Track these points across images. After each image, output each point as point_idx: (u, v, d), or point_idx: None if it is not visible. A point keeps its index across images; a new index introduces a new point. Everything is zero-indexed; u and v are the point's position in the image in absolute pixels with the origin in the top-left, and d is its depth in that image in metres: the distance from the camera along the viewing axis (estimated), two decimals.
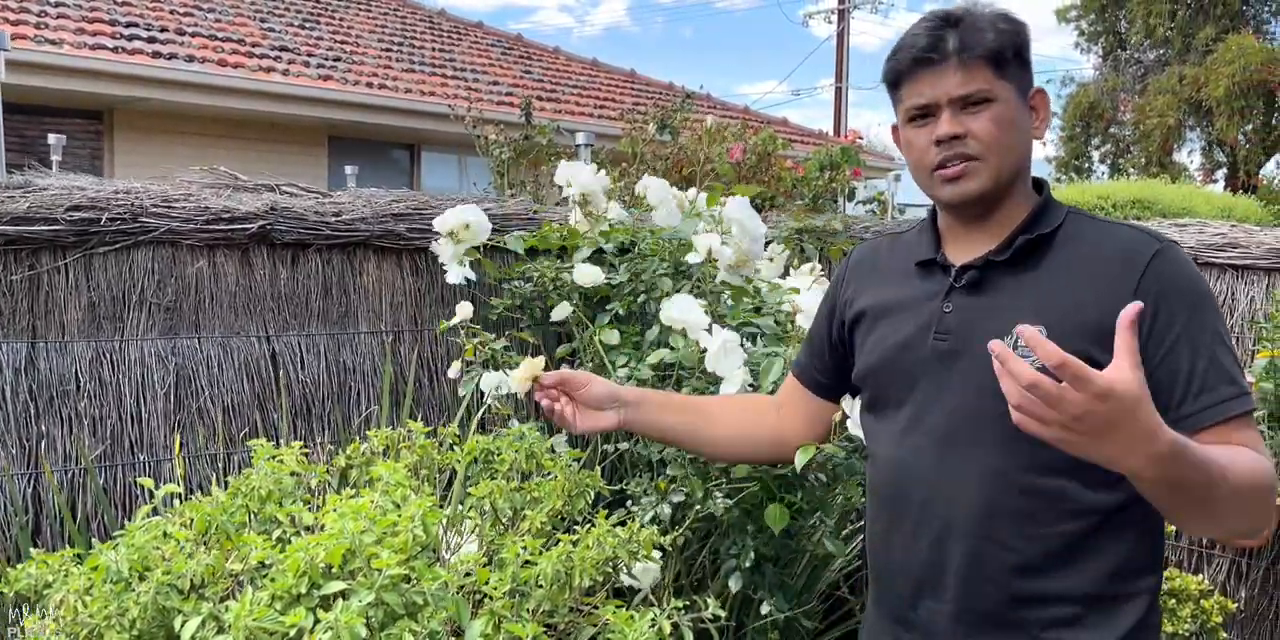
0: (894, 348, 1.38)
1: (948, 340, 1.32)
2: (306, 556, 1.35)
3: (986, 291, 1.31)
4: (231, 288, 2.22)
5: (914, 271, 1.40)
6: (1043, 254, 1.30)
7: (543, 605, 1.52)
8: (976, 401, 1.28)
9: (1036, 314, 1.24)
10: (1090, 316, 1.23)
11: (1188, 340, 1.21)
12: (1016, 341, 1.23)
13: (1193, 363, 1.21)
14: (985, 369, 1.23)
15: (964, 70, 1.28)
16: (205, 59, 7.98)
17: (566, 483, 1.68)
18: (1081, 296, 1.25)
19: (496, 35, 12.97)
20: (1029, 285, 1.29)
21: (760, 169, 5.97)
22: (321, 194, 2.43)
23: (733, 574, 2.05)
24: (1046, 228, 1.31)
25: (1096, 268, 1.26)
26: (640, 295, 2.15)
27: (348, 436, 2.31)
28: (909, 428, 1.36)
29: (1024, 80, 1.32)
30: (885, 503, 1.43)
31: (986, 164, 1.29)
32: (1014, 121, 1.29)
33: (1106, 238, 1.29)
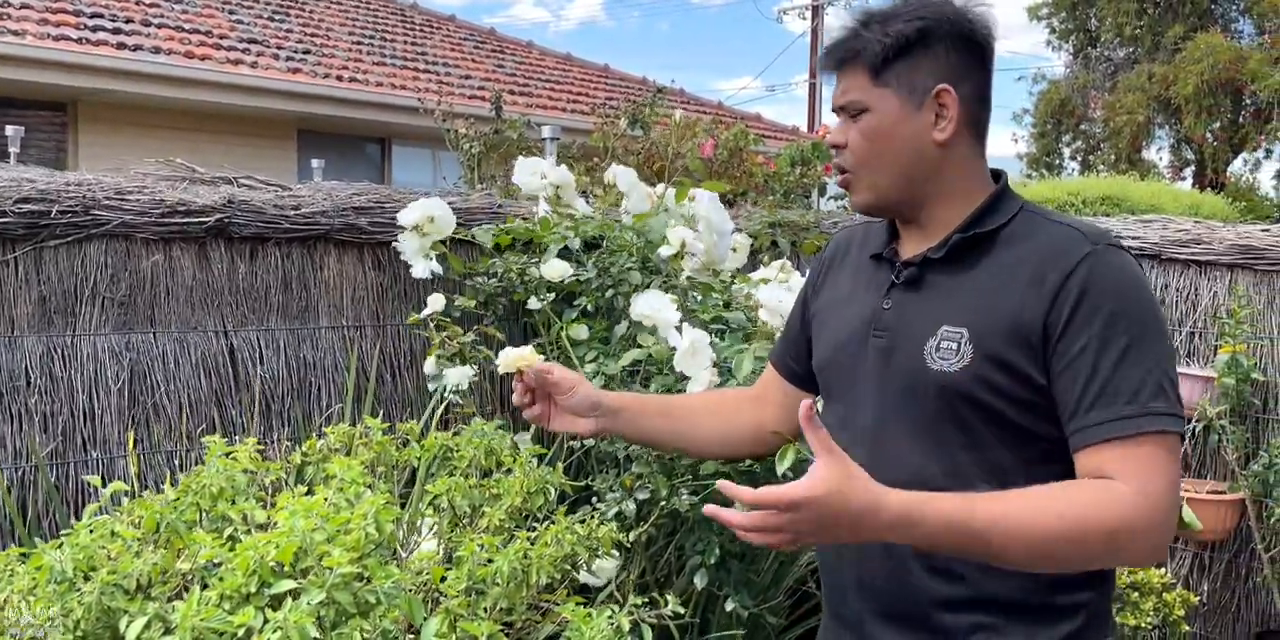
0: (840, 342, 1.36)
1: (884, 337, 1.29)
2: (256, 555, 1.32)
3: (922, 289, 1.28)
4: (188, 282, 2.18)
5: (868, 264, 1.38)
6: (981, 253, 1.25)
7: (500, 603, 1.50)
8: (901, 402, 1.26)
9: (962, 315, 1.22)
10: (1012, 320, 1.19)
11: (1095, 350, 1.15)
12: (940, 343, 1.22)
13: (1092, 375, 1.15)
14: (909, 368, 1.24)
15: (845, 78, 1.27)
16: (172, 51, 7.87)
17: (526, 479, 1.66)
18: (1008, 299, 1.20)
19: (469, 29, 12.89)
20: (962, 284, 1.25)
21: (732, 164, 5.96)
22: (281, 187, 2.39)
23: (697, 571, 2.04)
24: (986, 226, 1.26)
25: (1028, 269, 1.20)
26: (609, 290, 2.13)
27: (308, 433, 2.28)
28: (844, 425, 1.33)
29: (915, 82, 1.25)
30: None
31: (859, 178, 1.28)
32: (887, 131, 1.25)
33: (1044, 236, 1.23)
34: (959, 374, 1.20)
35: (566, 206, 2.21)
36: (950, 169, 1.28)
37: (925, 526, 1.08)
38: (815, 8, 19.64)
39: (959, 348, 1.20)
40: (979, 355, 1.19)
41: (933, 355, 1.22)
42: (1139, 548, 1.13)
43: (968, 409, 1.20)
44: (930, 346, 1.22)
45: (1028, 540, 1.09)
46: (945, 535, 1.09)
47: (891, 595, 1.28)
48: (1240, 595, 3.12)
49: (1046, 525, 1.09)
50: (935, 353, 1.22)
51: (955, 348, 1.20)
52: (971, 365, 1.19)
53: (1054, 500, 1.11)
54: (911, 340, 1.25)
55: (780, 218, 2.98)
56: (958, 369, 1.20)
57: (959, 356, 1.20)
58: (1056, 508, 1.10)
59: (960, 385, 1.20)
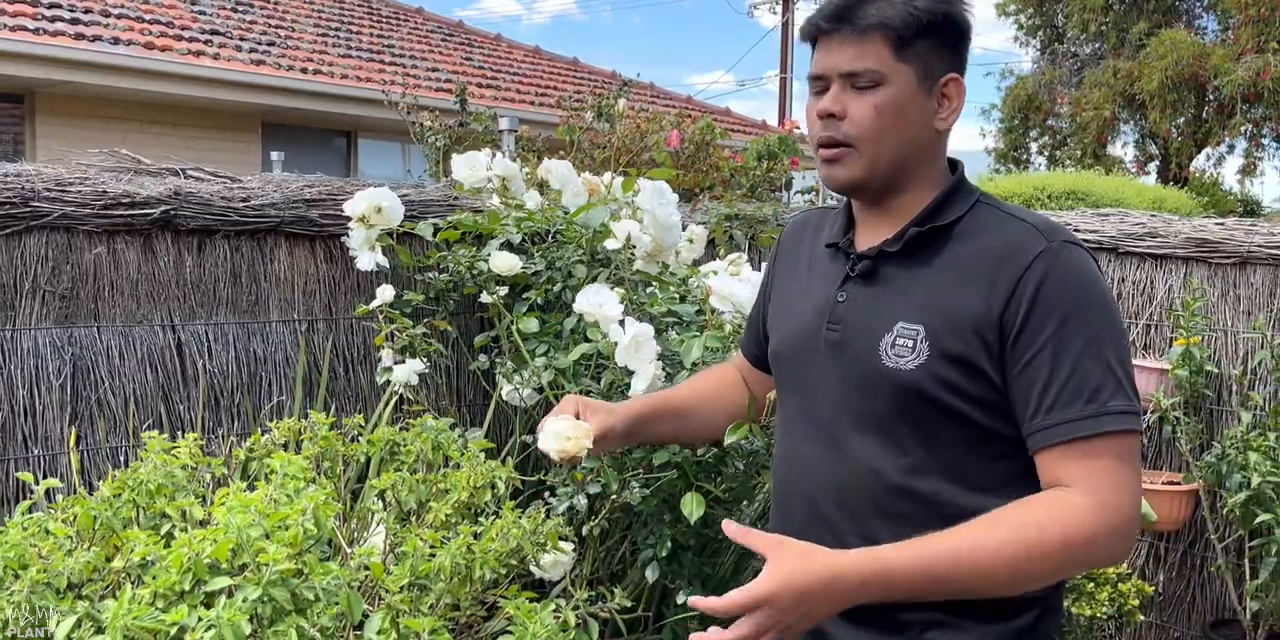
0: (793, 332, 1.35)
1: (838, 330, 1.27)
2: (191, 552, 1.30)
3: (877, 283, 1.26)
4: (133, 275, 2.14)
5: (824, 253, 1.35)
6: (937, 247, 1.23)
7: (444, 599, 1.49)
8: (856, 396, 1.25)
9: (919, 312, 1.20)
10: (968, 318, 1.17)
11: (1052, 350, 1.13)
12: (895, 340, 1.21)
13: (1051, 375, 1.13)
14: (863, 364, 1.23)
15: (859, 45, 1.20)
16: (132, 42, 7.75)
17: (473, 474, 1.64)
18: (964, 295, 1.18)
19: (437, 21, 12.80)
20: (918, 280, 1.23)
21: (698, 158, 5.96)
22: (230, 179, 2.35)
23: (650, 564, 2.03)
24: (943, 220, 1.23)
25: (983, 265, 1.19)
26: (557, 284, 2.11)
27: (259, 428, 2.25)
28: (799, 418, 1.32)
29: (931, 65, 1.22)
30: (777, 494, 1.40)
31: (859, 151, 1.22)
32: (902, 108, 1.21)
33: (1000, 233, 1.21)
34: (915, 372, 1.18)
35: (513, 198, 2.18)
36: (933, 158, 1.27)
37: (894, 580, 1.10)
38: (786, 2, 19.67)
39: (915, 345, 1.19)
40: (935, 353, 1.18)
41: (888, 352, 1.21)
42: (1104, 554, 1.14)
43: (924, 407, 1.19)
44: (886, 343, 1.21)
45: (993, 574, 1.10)
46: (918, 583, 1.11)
47: None
48: (1195, 585, 3.15)
49: (1007, 554, 1.10)
50: (891, 350, 1.21)
51: (911, 346, 1.19)
52: (928, 364, 1.18)
53: (1008, 526, 1.11)
54: (866, 336, 1.24)
55: (737, 211, 2.98)
56: (914, 367, 1.19)
57: (915, 354, 1.19)
58: (1012, 534, 1.10)
59: (916, 383, 1.19)
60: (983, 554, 1.10)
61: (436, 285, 2.25)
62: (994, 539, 1.10)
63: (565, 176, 2.10)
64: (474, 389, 2.59)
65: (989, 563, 1.10)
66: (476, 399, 2.60)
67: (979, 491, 1.19)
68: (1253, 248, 3.04)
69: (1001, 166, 18.58)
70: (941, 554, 1.10)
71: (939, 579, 1.11)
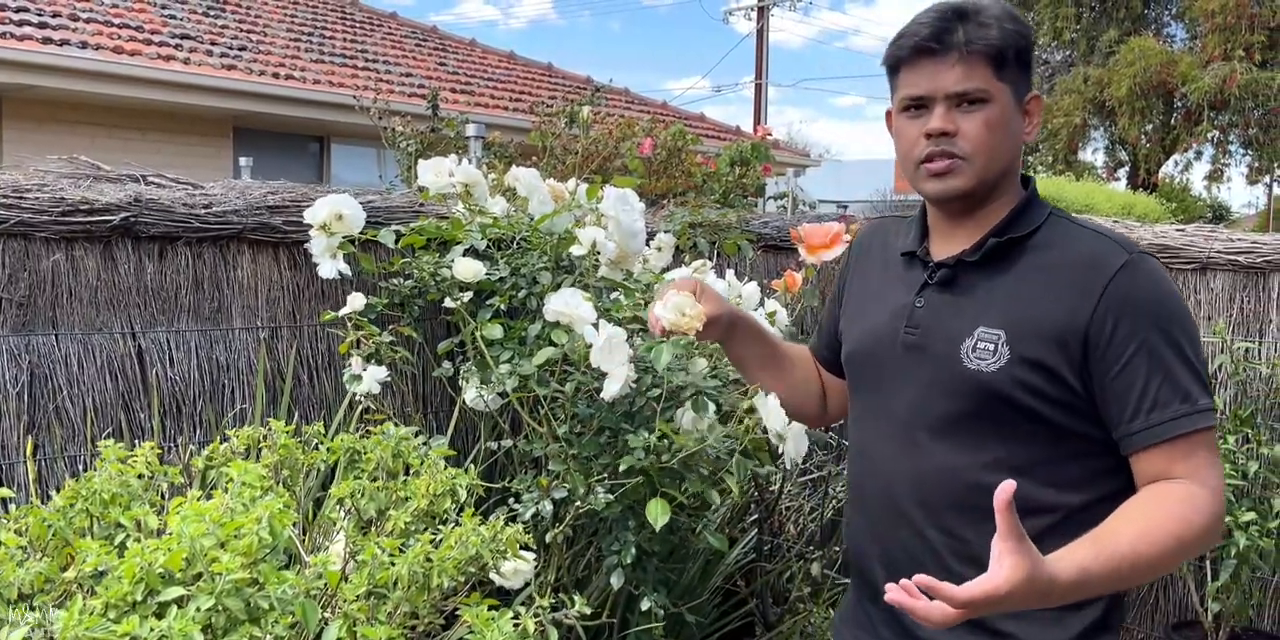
0: (869, 336, 1.41)
1: (915, 334, 1.34)
2: (144, 562, 1.29)
3: (956, 290, 1.33)
4: (92, 282, 2.12)
5: (899, 261, 1.42)
6: (1015, 257, 1.30)
7: (401, 607, 1.48)
8: (935, 396, 1.31)
9: (1000, 317, 1.27)
10: (1051, 325, 1.24)
11: (1145, 355, 1.21)
12: (977, 344, 1.27)
13: (1148, 379, 1.21)
14: (944, 367, 1.30)
15: (965, 66, 1.27)
16: (100, 46, 7.69)
17: (433, 482, 1.64)
18: (1046, 304, 1.25)
19: (411, 26, 12.77)
20: (998, 288, 1.30)
21: (671, 164, 5.96)
22: (192, 185, 2.34)
23: (614, 570, 2.03)
24: (1021, 231, 1.30)
25: (1064, 275, 1.26)
26: (521, 290, 2.11)
27: (221, 436, 2.23)
28: (874, 417, 1.40)
29: (1021, 83, 1.31)
30: (852, 487, 1.47)
31: (971, 164, 1.29)
32: (1006, 124, 1.29)
33: (1078, 244, 1.28)
34: (996, 374, 1.25)
35: (476, 205, 2.18)
36: (1015, 170, 1.35)
37: (1089, 586, 1.13)
38: (761, 9, 19.76)
39: (996, 349, 1.26)
40: (1016, 356, 1.25)
41: (969, 355, 1.28)
42: (1217, 537, 1.22)
43: (1003, 406, 1.26)
44: (967, 346, 1.28)
45: (1152, 566, 1.16)
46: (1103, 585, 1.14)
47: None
48: (1157, 587, 3.18)
49: (1167, 549, 1.16)
50: (972, 352, 1.28)
51: (992, 349, 1.26)
52: (1008, 366, 1.25)
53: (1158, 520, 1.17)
54: (946, 339, 1.31)
55: (701, 218, 2.98)
56: (995, 369, 1.26)
57: (996, 357, 1.26)
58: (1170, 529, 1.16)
59: (997, 384, 1.25)
60: (1152, 551, 1.15)
61: (401, 292, 2.25)
62: (1158, 532, 1.16)
63: (532, 184, 2.10)
64: (440, 395, 2.59)
65: (1152, 558, 1.15)
66: (442, 405, 2.59)
67: (1053, 487, 1.26)
68: (1213, 254, 3.08)
69: None
70: (1122, 556, 1.14)
71: (1119, 578, 1.15)
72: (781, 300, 2.59)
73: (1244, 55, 14.53)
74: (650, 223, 3.01)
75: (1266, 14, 14.73)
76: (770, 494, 2.90)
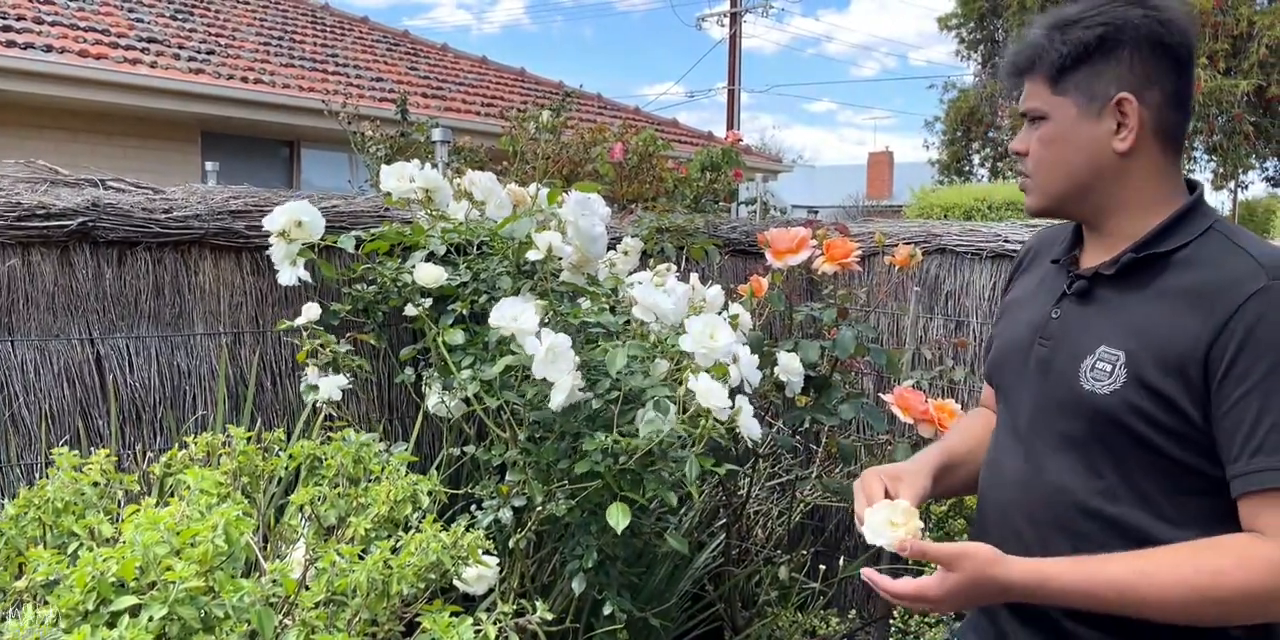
0: (1009, 344, 1.37)
1: (1047, 346, 1.29)
2: (95, 571, 1.27)
3: (1089, 304, 1.27)
4: (49, 288, 2.10)
5: (1050, 269, 1.37)
6: (1155, 274, 1.22)
7: (361, 614, 1.47)
8: (1054, 415, 1.26)
9: (1124, 336, 1.20)
10: (1174, 350, 1.15)
11: (1262, 393, 1.10)
12: (1096, 363, 1.21)
13: (1258, 420, 1.10)
14: (1062, 383, 1.24)
15: (1028, 87, 1.28)
16: (65, 49, 7.59)
17: (393, 488, 1.63)
18: (1173, 327, 1.16)
19: (382, 31, 12.71)
20: (1128, 305, 1.23)
21: (643, 169, 5.97)
22: (153, 189, 2.32)
23: (576, 575, 2.02)
24: (1162, 247, 1.22)
25: (1198, 299, 1.16)
26: (483, 295, 2.10)
27: (180, 443, 2.21)
28: (1003, 428, 1.36)
29: (1097, 89, 1.23)
30: (979, 495, 1.41)
31: (1034, 182, 1.29)
32: (1062, 138, 1.25)
33: (1222, 265, 1.18)
34: (1109, 397, 1.19)
35: (437, 210, 2.17)
36: (1134, 179, 1.25)
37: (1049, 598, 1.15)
38: (733, 15, 19.84)
39: (1113, 370, 1.19)
40: (1132, 381, 1.18)
41: (1087, 374, 1.22)
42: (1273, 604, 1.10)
43: (1116, 433, 1.19)
44: (1087, 365, 1.22)
45: (1161, 607, 1.10)
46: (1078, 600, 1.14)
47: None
48: None
49: (1177, 594, 1.09)
50: (1090, 372, 1.22)
51: (1110, 370, 1.19)
52: (1123, 391, 1.18)
53: (1186, 566, 1.10)
54: (1071, 355, 1.25)
55: (669, 222, 2.99)
56: (1107, 392, 1.19)
57: (1111, 380, 1.19)
58: (1186, 575, 1.09)
59: (1109, 409, 1.19)
60: (1152, 590, 1.10)
61: (363, 298, 2.24)
62: (1169, 577, 1.10)
63: (488, 188, 2.10)
64: (405, 401, 2.57)
65: (1158, 598, 1.10)
66: (407, 411, 2.58)
67: (1170, 524, 1.18)
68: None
69: (945, 178, 18.88)
70: (1105, 581, 1.11)
71: (1102, 602, 1.13)
72: (747, 305, 2.60)
73: (1208, 63, 14.73)
74: (618, 227, 3.01)
75: (1230, 22, 14.96)
76: (738, 498, 2.90)
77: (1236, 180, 17.38)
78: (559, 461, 1.95)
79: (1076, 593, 1.13)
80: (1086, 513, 1.22)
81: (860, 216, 11.02)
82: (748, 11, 20.33)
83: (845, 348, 2.50)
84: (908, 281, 3.39)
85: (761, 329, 2.78)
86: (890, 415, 2.53)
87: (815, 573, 3.12)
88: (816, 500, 3.24)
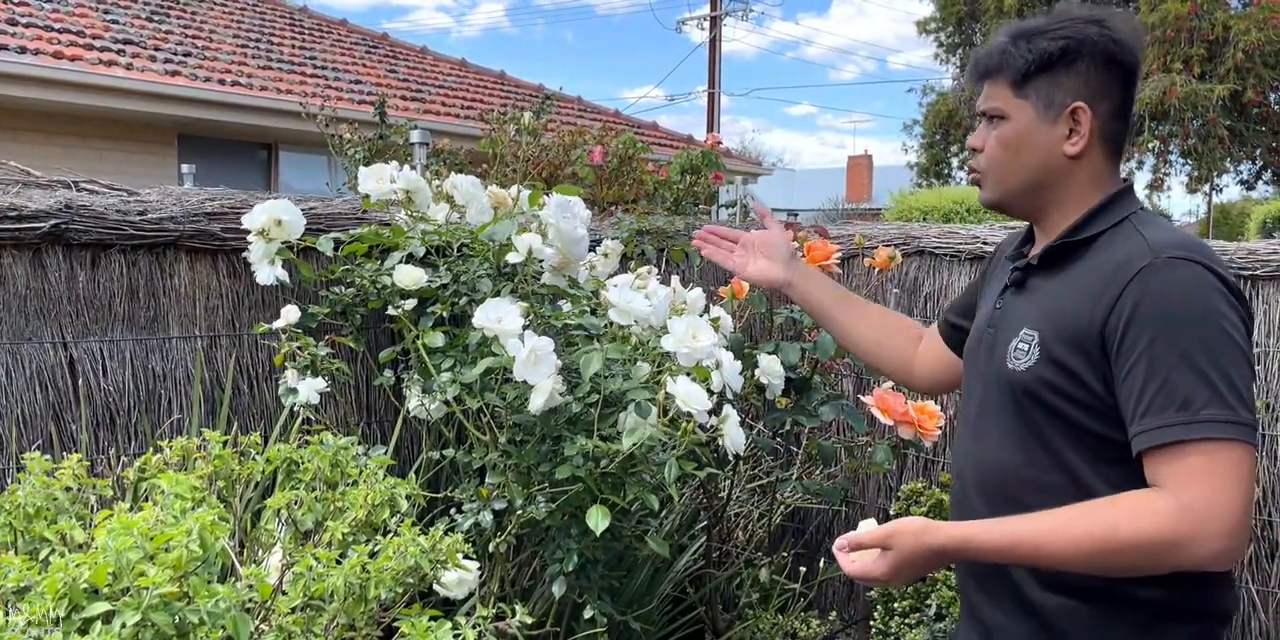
0: (972, 337, 1.50)
1: (991, 333, 1.42)
2: (67, 577, 1.25)
3: (1022, 293, 1.39)
4: (21, 291, 2.07)
5: (1005, 265, 1.49)
6: (1071, 261, 1.33)
7: (338, 619, 1.46)
8: (991, 394, 1.39)
9: (1039, 317, 1.32)
10: (1075, 327, 1.26)
11: (1148, 361, 1.20)
12: (1018, 344, 1.33)
13: (1144, 384, 1.20)
14: (996, 366, 1.37)
15: (989, 87, 1.38)
16: (40, 51, 7.52)
17: (371, 491, 1.62)
18: (1074, 307, 1.28)
19: (361, 33, 12.66)
20: (1045, 290, 1.35)
21: (623, 172, 5.97)
22: (127, 191, 2.29)
23: (556, 578, 2.01)
24: (1080, 235, 1.33)
25: (1096, 279, 1.28)
26: (463, 297, 2.09)
27: (155, 448, 2.19)
28: (962, 414, 1.49)
29: (1055, 96, 1.33)
30: (951, 476, 1.58)
31: (987, 178, 1.39)
32: (1019, 138, 1.35)
33: (1120, 248, 1.29)
34: (1025, 374, 1.31)
35: (417, 212, 2.16)
36: (1077, 180, 1.36)
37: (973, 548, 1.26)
38: (713, 19, 19.89)
39: (1029, 349, 1.32)
40: (1043, 357, 1.29)
41: (1011, 355, 1.34)
42: (1192, 555, 1.16)
43: (1033, 405, 1.31)
44: (1012, 346, 1.34)
45: (1072, 559, 1.21)
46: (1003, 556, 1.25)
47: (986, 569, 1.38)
48: None
49: (1083, 547, 1.19)
50: (1013, 352, 1.34)
51: (1026, 349, 1.32)
52: (1036, 367, 1.30)
53: (1090, 520, 1.20)
54: (1004, 339, 1.37)
55: (649, 225, 2.98)
56: (1024, 369, 1.31)
57: (1028, 358, 1.31)
58: (1089, 528, 1.19)
59: (1025, 383, 1.31)
60: (1062, 543, 1.20)
61: (342, 300, 2.22)
62: (1075, 529, 1.20)
63: (470, 191, 2.09)
64: (383, 404, 2.56)
65: (1068, 552, 1.20)
66: (386, 414, 2.56)
67: (1093, 491, 1.27)
68: None
69: (923, 180, 18.97)
70: (1022, 538, 1.22)
71: (1022, 557, 1.24)
72: (729, 307, 2.60)
73: (1183, 68, 14.88)
74: (598, 230, 3.00)
75: (1206, 27, 15.11)
76: (719, 500, 2.90)
77: (1211, 183, 17.55)
78: (540, 464, 1.94)
79: (997, 550, 1.24)
80: (1023, 483, 1.33)
81: (840, 219, 11.04)
82: (728, 14, 20.40)
83: (826, 350, 2.50)
84: (887, 284, 3.40)
85: (742, 331, 2.78)
86: (870, 417, 2.53)
87: (796, 574, 3.11)
88: (797, 502, 3.24)
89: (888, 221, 8.92)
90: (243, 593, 1.35)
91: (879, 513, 3.39)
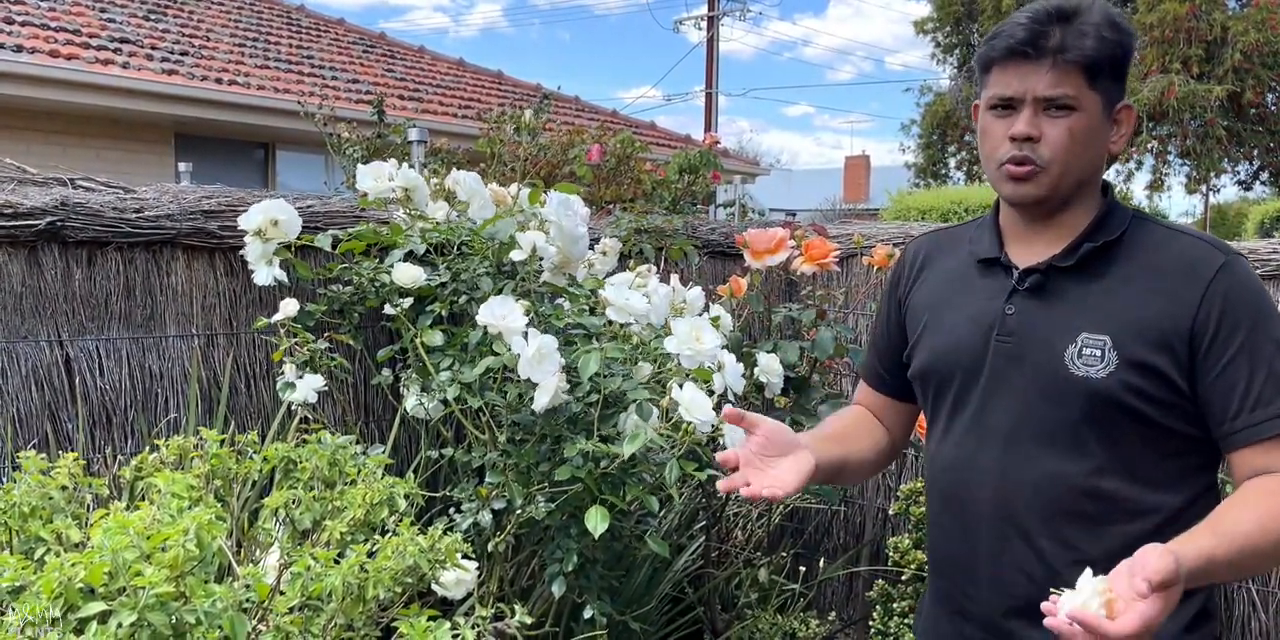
0: (954, 346, 1.38)
1: (1010, 342, 1.33)
2: (62, 577, 1.24)
3: (1049, 297, 1.32)
4: (16, 289, 2.06)
5: (975, 269, 1.40)
6: (1108, 262, 1.31)
7: (336, 619, 1.45)
8: (1038, 405, 1.30)
9: (1102, 323, 1.27)
10: (1157, 327, 1.25)
11: (1248, 354, 1.22)
12: (1081, 350, 1.27)
13: (1251, 376, 1.22)
14: (1047, 373, 1.30)
15: (1056, 72, 1.26)
16: (36, 50, 7.50)
17: (369, 491, 1.60)
18: (1149, 307, 1.26)
19: (358, 33, 12.65)
20: (1095, 293, 1.30)
21: (620, 171, 5.96)
22: (123, 189, 2.28)
23: (556, 578, 2.00)
24: (1110, 235, 1.31)
25: (1162, 278, 1.27)
26: (462, 296, 2.08)
27: (151, 447, 2.17)
28: (970, 427, 1.36)
29: (1113, 92, 1.30)
30: (947, 500, 1.41)
31: (1049, 172, 1.29)
32: (1091, 133, 1.29)
33: (1172, 247, 1.29)
34: (1105, 380, 1.26)
35: (416, 209, 2.15)
36: (1098, 177, 1.35)
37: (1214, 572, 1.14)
38: (710, 19, 19.88)
39: (1103, 354, 1.26)
40: (1123, 362, 1.26)
41: (1075, 362, 1.28)
42: None
43: (1113, 411, 1.27)
44: (1071, 353, 1.28)
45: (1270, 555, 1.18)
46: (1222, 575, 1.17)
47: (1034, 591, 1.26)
48: None
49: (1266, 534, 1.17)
50: (1078, 359, 1.28)
51: (1099, 355, 1.27)
52: (1117, 372, 1.26)
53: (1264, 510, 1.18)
54: (1046, 347, 1.30)
55: (647, 223, 2.98)
56: (1104, 375, 1.26)
57: (1104, 363, 1.26)
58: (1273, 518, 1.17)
59: (1107, 390, 1.26)
60: (1268, 540, 1.17)
61: (340, 298, 2.21)
62: (1271, 523, 1.17)
63: (473, 188, 2.08)
64: (381, 403, 2.54)
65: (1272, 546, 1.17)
66: (384, 413, 2.55)
67: (1151, 487, 1.28)
68: None
69: (920, 181, 18.97)
70: (1245, 543, 1.15)
71: (1243, 569, 1.18)
72: (727, 306, 2.59)
73: (1181, 68, 14.88)
74: (596, 228, 3.00)
75: (1204, 28, 15.11)
76: (718, 500, 2.89)
77: (1208, 184, 17.57)
78: (539, 464, 1.93)
79: (1229, 562, 1.15)
80: (1083, 492, 1.28)
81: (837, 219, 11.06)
82: (725, 15, 20.39)
83: (824, 348, 2.50)
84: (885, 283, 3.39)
85: (740, 330, 2.77)
86: None
87: (795, 574, 3.11)
88: (796, 502, 3.23)
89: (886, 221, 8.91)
90: (240, 593, 1.34)
91: (878, 513, 3.39)
